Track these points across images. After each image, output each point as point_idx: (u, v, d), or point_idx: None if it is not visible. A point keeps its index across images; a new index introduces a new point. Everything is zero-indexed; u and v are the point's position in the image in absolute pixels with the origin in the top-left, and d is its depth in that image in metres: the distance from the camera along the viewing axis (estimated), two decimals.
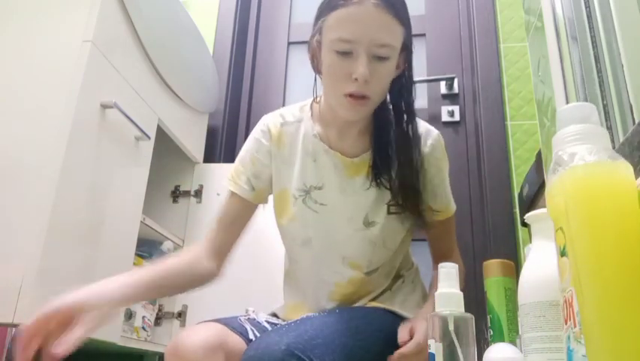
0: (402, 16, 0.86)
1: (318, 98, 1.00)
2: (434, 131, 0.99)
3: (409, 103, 0.94)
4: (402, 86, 0.94)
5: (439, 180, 0.98)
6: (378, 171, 0.94)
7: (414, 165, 0.93)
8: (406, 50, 0.91)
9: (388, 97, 0.95)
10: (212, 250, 0.96)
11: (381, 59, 0.85)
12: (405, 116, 0.94)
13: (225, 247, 0.98)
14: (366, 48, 0.83)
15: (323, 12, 0.88)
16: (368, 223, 0.95)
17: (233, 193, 0.99)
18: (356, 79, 0.84)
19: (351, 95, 0.85)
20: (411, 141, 0.94)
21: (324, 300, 0.98)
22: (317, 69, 0.95)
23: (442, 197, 0.99)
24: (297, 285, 1.03)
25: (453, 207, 1.02)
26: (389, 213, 0.95)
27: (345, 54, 0.84)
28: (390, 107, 0.96)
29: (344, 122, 0.95)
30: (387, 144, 0.95)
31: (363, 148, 0.97)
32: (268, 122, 1.02)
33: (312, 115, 1.00)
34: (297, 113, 1.02)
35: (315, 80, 0.96)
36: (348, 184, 0.96)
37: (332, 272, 0.97)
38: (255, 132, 1.03)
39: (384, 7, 0.83)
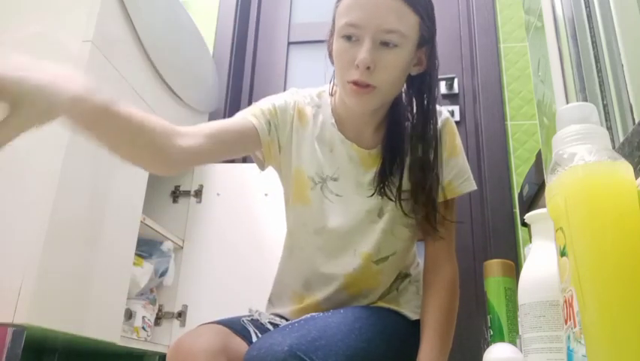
0: (416, 4, 0.83)
1: (333, 91, 0.98)
2: (442, 115, 0.98)
3: (429, 102, 0.92)
4: (422, 83, 0.91)
5: (450, 156, 0.98)
6: (384, 176, 0.93)
7: (427, 166, 0.91)
8: (427, 44, 0.89)
9: (404, 94, 0.93)
10: (189, 146, 0.81)
11: (388, 46, 0.83)
12: (422, 116, 0.92)
13: (200, 155, 0.85)
14: (371, 34, 0.81)
15: (337, 0, 0.87)
16: (381, 215, 0.94)
17: (247, 120, 0.91)
18: (358, 65, 0.82)
19: (355, 83, 0.83)
20: (425, 142, 0.92)
21: (331, 291, 0.95)
22: (332, 60, 0.92)
23: (456, 171, 0.98)
24: (300, 275, 0.99)
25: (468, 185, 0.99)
26: (398, 201, 0.93)
27: (351, 40, 0.83)
28: (406, 104, 0.94)
29: (358, 117, 0.93)
30: (399, 143, 0.93)
31: (379, 142, 0.96)
32: (296, 97, 0.98)
33: (330, 103, 0.98)
34: (316, 99, 0.99)
35: (334, 73, 0.92)
36: (364, 177, 0.94)
37: (343, 263, 0.94)
38: (286, 97, 0.98)
39: None
